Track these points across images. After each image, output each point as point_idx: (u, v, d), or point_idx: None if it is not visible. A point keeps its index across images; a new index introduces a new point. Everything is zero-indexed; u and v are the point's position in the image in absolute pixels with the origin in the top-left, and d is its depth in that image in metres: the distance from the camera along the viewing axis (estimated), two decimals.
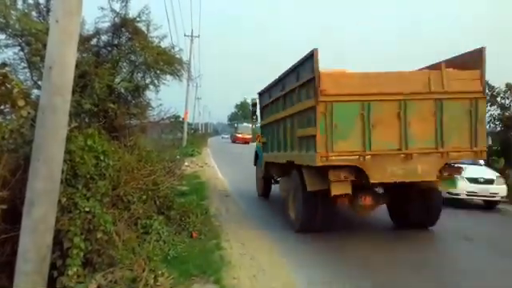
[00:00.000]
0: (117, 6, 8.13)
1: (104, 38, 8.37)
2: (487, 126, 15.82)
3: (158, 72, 9.31)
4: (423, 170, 6.61)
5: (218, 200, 9.77)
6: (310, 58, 6.46)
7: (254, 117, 12.41)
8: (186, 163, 16.77)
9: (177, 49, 10.12)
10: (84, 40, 7.28)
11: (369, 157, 6.51)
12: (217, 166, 19.18)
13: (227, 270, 5.11)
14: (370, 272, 5.40)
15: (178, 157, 13.26)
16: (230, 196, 10.59)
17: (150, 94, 9.79)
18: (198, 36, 35.63)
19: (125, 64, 8.85)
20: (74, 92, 4.21)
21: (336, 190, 6.60)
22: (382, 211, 7.97)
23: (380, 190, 7.62)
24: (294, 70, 7.44)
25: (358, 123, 6.53)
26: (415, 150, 6.61)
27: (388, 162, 6.59)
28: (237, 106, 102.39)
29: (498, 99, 15.63)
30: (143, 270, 4.27)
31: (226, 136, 73.96)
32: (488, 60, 6.82)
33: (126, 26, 8.40)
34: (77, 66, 4.22)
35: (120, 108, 7.99)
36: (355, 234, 7.45)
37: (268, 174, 10.31)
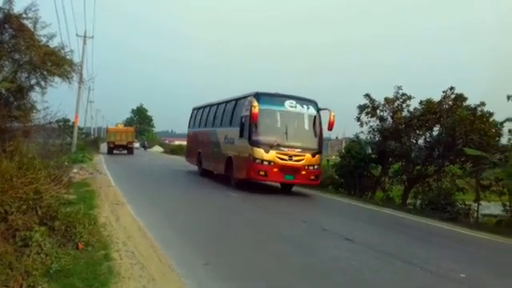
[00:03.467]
0: None
1: None
2: (368, 137, 17.41)
3: (45, 73, 8.81)
4: (123, 141, 37.85)
5: (109, 209, 9.41)
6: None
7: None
8: (75, 170, 15.88)
9: (67, 49, 9.66)
10: None
11: (116, 140, 37.92)
12: (109, 173, 18.41)
13: (116, 282, 4.96)
14: (261, 277, 5.62)
15: (65, 163, 12.50)
16: (122, 204, 10.25)
17: (35, 95, 9.21)
18: (92, 37, 34.04)
19: (7, 63, 8.26)
20: None
21: (111, 145, 38.13)
22: None
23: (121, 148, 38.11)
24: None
25: (112, 136, 38.43)
26: (127, 139, 38.26)
27: (117, 140, 37.95)
28: (133, 111, 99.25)
29: (378, 112, 17.17)
30: (20, 286, 4.01)
31: (135, 144, 51.88)
32: (374, 76, 7.77)
33: (9, 23, 7.85)
34: None
35: (0, 110, 7.42)
36: (243, 233, 7.66)
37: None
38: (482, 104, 13.56)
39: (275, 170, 13.55)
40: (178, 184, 17.04)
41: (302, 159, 13.74)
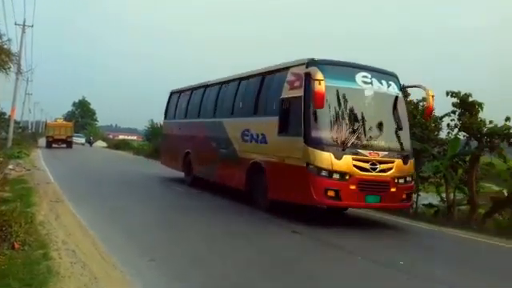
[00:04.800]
0: None
1: None
2: None
3: None
4: (63, 135, 38.98)
5: (48, 206, 8.98)
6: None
7: None
8: (11, 166, 15.12)
9: (5, 38, 9.12)
10: None
11: (55, 134, 39.50)
12: (48, 169, 17.60)
13: (55, 282, 4.73)
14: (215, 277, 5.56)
15: (0, 159, 11.83)
16: (62, 202, 9.83)
17: None
18: (32, 26, 32.37)
19: None
20: None
21: (50, 139, 39.19)
22: None
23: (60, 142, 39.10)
24: None
25: (51, 130, 39.57)
26: (66, 134, 39.42)
27: (56, 134, 38.95)
28: (75, 104, 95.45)
29: None
30: None
31: (79, 139, 53.69)
32: None
33: None
34: None
35: None
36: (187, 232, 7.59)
37: None
38: (424, 99, 14.12)
39: (352, 187, 8.40)
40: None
41: (391, 168, 8.79)
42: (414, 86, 10.23)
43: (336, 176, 8.35)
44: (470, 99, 11.31)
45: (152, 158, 28.95)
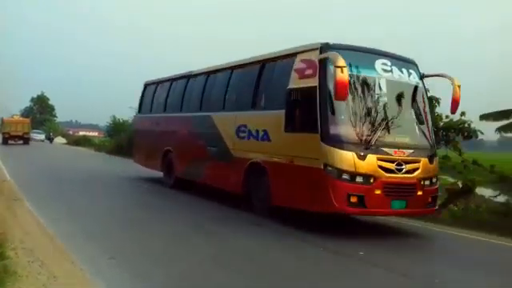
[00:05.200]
0: None
1: None
2: None
3: None
4: (19, 132, 39.35)
5: (4, 205, 8.68)
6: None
7: None
8: None
9: None
10: None
11: (12, 130, 39.72)
12: (4, 167, 17.05)
13: (12, 282, 4.58)
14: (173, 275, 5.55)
15: None
16: (20, 200, 9.54)
17: None
18: None
19: None
20: None
21: (7, 136, 38.66)
22: None
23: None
24: None
25: (8, 127, 39.81)
26: (23, 130, 40.36)
27: (12, 130, 39.24)
28: (33, 100, 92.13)
29: None
30: None
31: (38, 136, 54.16)
32: None
33: None
34: None
35: None
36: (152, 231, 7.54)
37: None
38: None
39: (378, 192, 7.33)
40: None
41: (417, 168, 7.76)
42: (437, 75, 8.98)
43: (359, 179, 7.27)
44: (428, 95, 11.64)
45: (114, 155, 28.47)
